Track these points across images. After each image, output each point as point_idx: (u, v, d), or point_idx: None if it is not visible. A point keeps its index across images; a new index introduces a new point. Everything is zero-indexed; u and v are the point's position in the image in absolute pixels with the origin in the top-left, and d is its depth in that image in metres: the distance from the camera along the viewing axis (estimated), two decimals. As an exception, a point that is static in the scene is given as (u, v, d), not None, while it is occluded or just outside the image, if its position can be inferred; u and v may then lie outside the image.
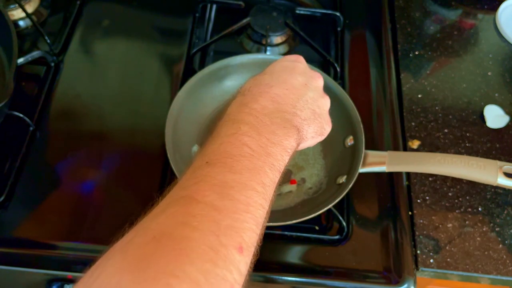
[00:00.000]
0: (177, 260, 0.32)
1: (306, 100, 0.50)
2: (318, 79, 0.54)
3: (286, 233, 0.64)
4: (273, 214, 0.64)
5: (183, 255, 0.32)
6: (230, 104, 0.49)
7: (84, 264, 0.60)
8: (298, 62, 0.54)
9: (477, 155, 0.74)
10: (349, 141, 0.68)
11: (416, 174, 0.72)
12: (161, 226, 0.35)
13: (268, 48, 0.81)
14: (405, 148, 0.75)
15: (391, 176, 0.70)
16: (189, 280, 0.31)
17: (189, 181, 0.39)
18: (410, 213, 0.69)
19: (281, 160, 0.44)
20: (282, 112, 0.47)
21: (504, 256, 0.67)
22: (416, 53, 0.85)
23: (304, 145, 0.50)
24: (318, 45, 0.80)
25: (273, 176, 0.42)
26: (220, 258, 0.34)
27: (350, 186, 0.61)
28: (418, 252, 0.66)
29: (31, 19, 0.79)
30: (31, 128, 0.69)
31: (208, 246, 0.34)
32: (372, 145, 0.72)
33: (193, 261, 0.32)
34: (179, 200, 0.37)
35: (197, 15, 0.85)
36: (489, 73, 0.84)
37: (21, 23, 0.81)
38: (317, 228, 0.66)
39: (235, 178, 0.39)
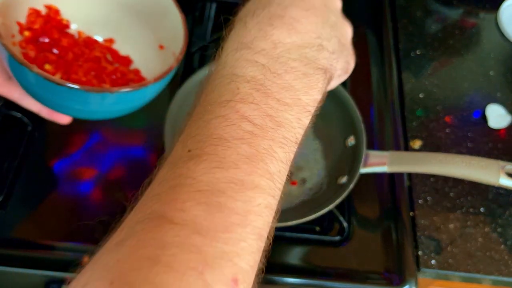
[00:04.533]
0: None
1: (331, 26, 0.37)
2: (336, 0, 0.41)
3: (286, 234, 0.64)
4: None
5: None
6: (225, 39, 0.35)
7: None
8: None
9: (479, 155, 0.74)
10: (350, 141, 0.67)
11: (418, 174, 0.71)
12: (122, 266, 0.25)
13: (268, 47, 0.81)
14: (407, 148, 0.74)
15: (392, 177, 0.69)
16: None
17: (165, 183, 0.29)
18: (411, 213, 0.69)
19: (298, 127, 0.31)
20: (303, 47, 0.33)
21: (506, 257, 0.66)
22: (418, 52, 0.85)
23: (331, 85, 0.38)
24: (318, 44, 0.80)
25: (285, 155, 0.30)
26: None
27: (351, 186, 0.61)
28: (420, 253, 0.65)
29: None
30: (29, 128, 0.69)
31: None
32: (373, 145, 0.72)
33: None
34: (148, 222, 0.27)
35: (196, 14, 0.85)
36: (491, 73, 0.83)
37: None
38: (317, 228, 0.66)
39: (227, 176, 0.28)
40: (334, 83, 0.39)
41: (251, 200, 0.28)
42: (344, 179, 0.64)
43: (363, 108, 0.69)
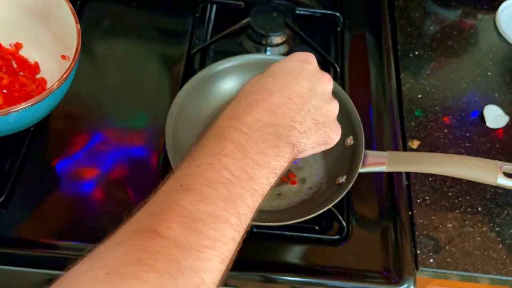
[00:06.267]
0: None
1: (309, 110, 0.47)
2: (325, 83, 0.51)
3: (286, 233, 0.64)
4: (273, 214, 0.65)
5: None
6: (225, 108, 0.46)
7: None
8: (307, 62, 0.51)
9: (477, 155, 0.74)
10: (349, 141, 0.68)
11: (416, 174, 0.72)
12: (117, 262, 0.33)
13: (268, 48, 0.81)
14: (405, 148, 0.75)
15: (391, 176, 0.70)
16: None
17: (159, 206, 0.37)
18: (410, 213, 0.69)
19: (265, 183, 0.41)
20: (277, 126, 0.44)
21: (504, 256, 0.67)
22: (416, 53, 0.85)
23: (304, 154, 0.48)
24: (318, 45, 0.80)
25: (253, 203, 0.40)
26: None
27: (350, 186, 0.61)
28: (418, 252, 0.66)
29: (31, 19, 0.79)
30: (31, 128, 0.69)
31: None
32: (372, 145, 0.72)
33: None
34: (141, 233, 0.35)
35: (197, 15, 0.85)
36: (489, 73, 0.84)
37: (21, 23, 0.81)
38: (317, 228, 0.66)
39: (206, 209, 0.37)
40: (311, 152, 0.49)
41: (221, 231, 0.37)
42: (343, 179, 0.64)
43: (362, 109, 0.70)
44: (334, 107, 0.51)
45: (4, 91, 0.62)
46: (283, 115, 0.45)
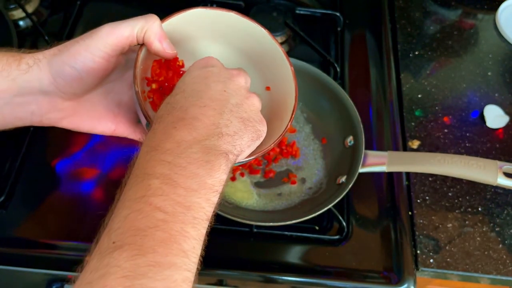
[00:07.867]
0: None
1: (231, 110, 0.43)
2: (236, 78, 0.47)
3: (286, 233, 0.64)
4: (273, 214, 0.65)
5: None
6: (142, 143, 0.42)
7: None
8: (210, 66, 0.47)
9: (477, 155, 0.74)
10: (349, 141, 0.68)
11: (416, 174, 0.72)
12: None
13: (268, 48, 0.81)
14: (405, 148, 0.75)
15: (391, 176, 0.70)
16: None
17: (94, 272, 0.34)
18: (410, 213, 0.69)
19: (207, 206, 0.38)
20: (202, 140, 0.40)
21: (504, 256, 0.67)
22: (416, 53, 0.85)
23: (243, 156, 0.45)
24: (318, 45, 0.80)
25: (198, 232, 0.37)
26: None
27: (350, 186, 0.61)
28: (418, 252, 0.66)
29: (31, 19, 0.79)
30: (31, 128, 0.69)
31: None
32: (372, 145, 0.72)
33: None
34: None
35: (197, 15, 0.85)
36: (489, 73, 0.84)
37: (21, 23, 0.81)
38: (317, 228, 0.66)
39: (146, 261, 0.34)
40: (248, 153, 0.45)
41: (169, 278, 0.34)
42: (343, 179, 0.64)
43: (362, 109, 0.70)
44: (253, 100, 0.47)
45: None
46: (205, 126, 0.41)
